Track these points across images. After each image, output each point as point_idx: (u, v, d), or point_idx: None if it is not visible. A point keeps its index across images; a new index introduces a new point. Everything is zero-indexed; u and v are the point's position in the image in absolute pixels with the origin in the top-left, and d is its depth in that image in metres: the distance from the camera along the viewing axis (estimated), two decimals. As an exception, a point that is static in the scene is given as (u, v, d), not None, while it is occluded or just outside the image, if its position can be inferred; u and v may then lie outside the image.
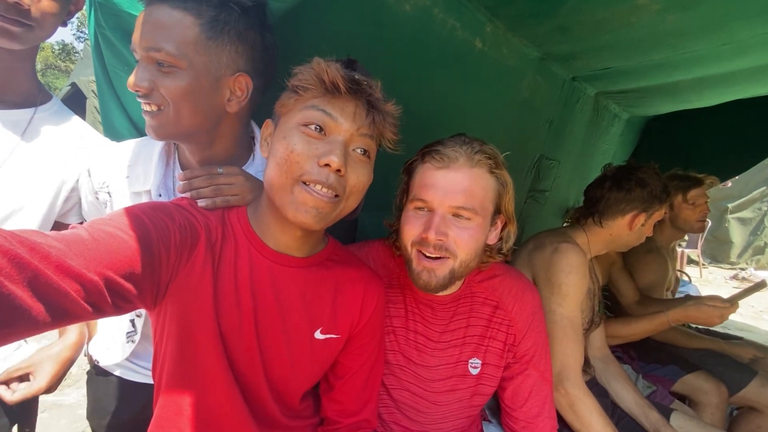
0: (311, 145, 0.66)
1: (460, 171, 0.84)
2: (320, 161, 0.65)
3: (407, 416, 1.01)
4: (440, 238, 0.83)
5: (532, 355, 1.01)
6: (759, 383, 1.66)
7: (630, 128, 2.79)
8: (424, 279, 0.86)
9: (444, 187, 0.84)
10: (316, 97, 0.67)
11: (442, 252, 0.84)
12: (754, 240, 7.53)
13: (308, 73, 0.66)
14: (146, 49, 0.73)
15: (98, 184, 0.89)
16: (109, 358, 0.98)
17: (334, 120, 0.67)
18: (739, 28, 1.36)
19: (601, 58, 1.73)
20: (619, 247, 1.43)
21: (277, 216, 0.72)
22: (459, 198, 0.83)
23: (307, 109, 0.67)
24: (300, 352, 0.78)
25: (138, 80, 0.74)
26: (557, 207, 2.57)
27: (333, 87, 0.65)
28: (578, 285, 1.20)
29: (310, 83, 0.66)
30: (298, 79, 0.67)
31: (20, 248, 0.44)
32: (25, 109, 0.92)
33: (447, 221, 0.84)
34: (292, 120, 0.68)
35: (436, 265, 0.84)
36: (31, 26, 0.83)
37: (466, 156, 0.84)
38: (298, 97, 0.68)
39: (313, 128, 0.66)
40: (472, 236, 0.84)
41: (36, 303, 0.45)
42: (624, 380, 1.39)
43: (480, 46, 1.48)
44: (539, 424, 1.00)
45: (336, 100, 0.67)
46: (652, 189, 1.33)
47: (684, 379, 1.71)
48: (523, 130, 1.97)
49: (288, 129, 0.68)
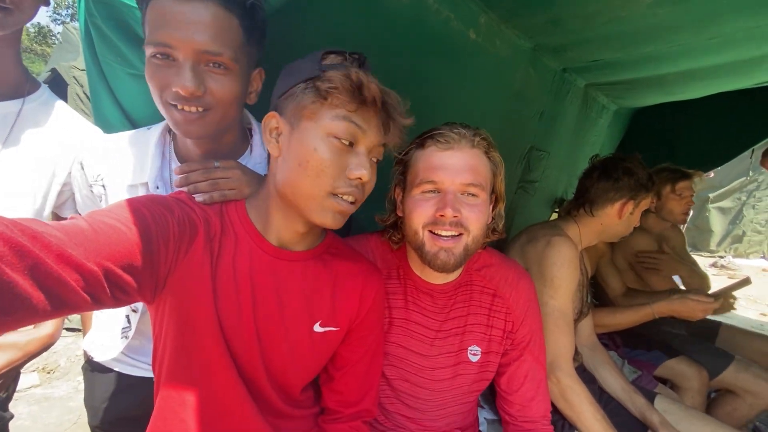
0: (342, 157, 0.68)
1: (464, 150, 0.88)
2: (351, 174, 0.68)
3: (407, 404, 1.03)
4: (456, 215, 0.85)
5: (528, 341, 1.04)
6: (735, 368, 1.73)
7: (618, 119, 2.83)
8: (442, 258, 0.87)
9: (453, 166, 0.87)
10: (344, 105, 0.66)
11: (458, 228, 0.86)
12: (733, 229, 7.76)
13: (340, 81, 0.64)
14: (200, 52, 0.71)
15: (92, 177, 0.87)
16: (104, 353, 0.97)
17: (363, 133, 0.68)
18: (726, 23, 1.38)
19: (592, 50, 1.75)
20: (609, 237, 1.47)
21: (286, 213, 0.73)
22: (468, 176, 0.86)
23: (338, 120, 0.66)
24: (299, 345, 0.79)
25: (196, 86, 0.71)
26: (546, 197, 2.61)
27: (371, 101, 0.66)
28: (570, 278, 1.23)
29: (341, 92, 0.65)
30: (328, 86, 0.65)
31: (21, 236, 0.44)
32: (14, 100, 0.88)
33: (458, 198, 0.87)
34: (320, 128, 0.66)
35: (452, 243, 0.87)
36: (9, 9, 0.78)
37: (466, 138, 0.89)
38: (324, 102, 0.66)
39: (346, 142, 0.67)
40: (481, 211, 0.88)
41: (36, 291, 0.45)
42: (610, 367, 1.44)
43: (474, 37, 1.48)
44: (534, 407, 1.03)
45: (365, 112, 0.68)
46: (638, 177, 1.37)
47: (667, 364, 1.78)
48: (514, 121, 1.98)
49: (318, 138, 0.66)
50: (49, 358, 2.80)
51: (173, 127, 0.77)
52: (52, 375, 2.67)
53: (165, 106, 0.74)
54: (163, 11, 0.69)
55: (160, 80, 0.72)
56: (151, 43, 0.70)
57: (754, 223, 7.65)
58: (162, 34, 0.69)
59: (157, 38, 0.70)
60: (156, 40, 0.70)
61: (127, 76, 0.92)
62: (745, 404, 1.72)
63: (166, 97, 0.73)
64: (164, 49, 0.70)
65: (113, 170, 0.86)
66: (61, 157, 0.92)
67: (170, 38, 0.69)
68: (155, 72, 0.72)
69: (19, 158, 0.87)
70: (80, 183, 0.89)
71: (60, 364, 2.77)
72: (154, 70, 0.72)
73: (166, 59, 0.71)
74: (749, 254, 7.75)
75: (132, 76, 0.91)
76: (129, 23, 0.83)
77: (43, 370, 2.68)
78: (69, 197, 0.97)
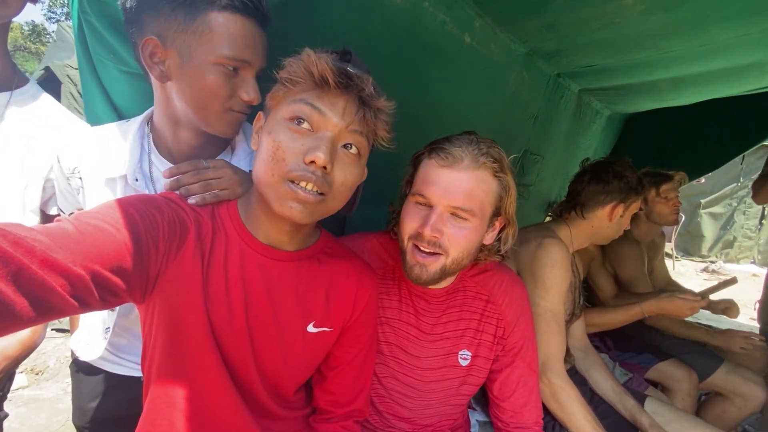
0: (297, 141, 0.64)
1: (464, 172, 0.84)
2: (306, 158, 0.63)
3: (398, 403, 1.03)
4: (435, 235, 0.83)
5: (519, 347, 1.04)
6: (725, 370, 1.75)
7: (611, 124, 2.86)
8: (416, 272, 0.87)
9: (445, 185, 0.84)
10: (305, 90, 0.65)
11: (435, 248, 0.85)
12: (724, 234, 7.85)
13: (297, 65, 0.64)
14: (260, 67, 0.82)
15: (68, 169, 0.85)
16: (89, 352, 0.96)
17: (322, 114, 0.64)
18: (716, 30, 1.40)
19: (585, 55, 1.77)
20: (600, 240, 1.49)
21: (266, 209, 0.70)
22: (458, 198, 0.83)
23: (295, 103, 0.65)
24: (293, 346, 0.78)
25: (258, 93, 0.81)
26: (540, 201, 2.62)
27: (322, 80, 0.63)
28: (561, 279, 1.24)
29: (299, 75, 0.64)
30: (287, 72, 0.65)
31: (3, 242, 0.43)
32: (1, 93, 0.88)
33: (444, 219, 0.85)
34: (279, 114, 0.66)
35: (429, 261, 0.86)
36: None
37: (471, 157, 0.84)
38: (287, 90, 0.66)
39: (300, 123, 0.64)
40: (466, 237, 0.85)
41: (20, 298, 0.44)
42: (602, 369, 1.45)
43: (469, 41, 1.49)
44: (526, 414, 1.03)
45: (326, 95, 0.64)
46: (628, 180, 1.38)
47: (657, 367, 1.79)
48: (508, 125, 2.00)
49: (275, 123, 0.66)
50: (38, 359, 2.76)
51: (221, 127, 0.83)
52: (41, 376, 2.63)
53: (225, 111, 0.81)
54: (236, 31, 0.77)
55: (230, 89, 0.79)
56: (227, 56, 0.76)
57: (744, 229, 7.75)
58: (241, 52, 0.78)
59: (236, 54, 0.77)
60: (234, 56, 0.77)
61: (120, 73, 0.91)
62: (734, 407, 1.74)
63: (232, 104, 0.81)
64: (240, 64, 0.79)
65: (90, 163, 0.85)
66: (45, 151, 0.92)
67: (248, 56, 0.79)
68: (224, 81, 0.78)
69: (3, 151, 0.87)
70: (58, 176, 0.88)
71: (49, 365, 2.73)
72: (223, 79, 0.78)
73: (231, 70, 0.78)
74: (740, 259, 7.84)
75: (125, 74, 0.91)
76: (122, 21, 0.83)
77: (31, 371, 2.64)
78: (54, 193, 0.96)
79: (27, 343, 0.97)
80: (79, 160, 0.85)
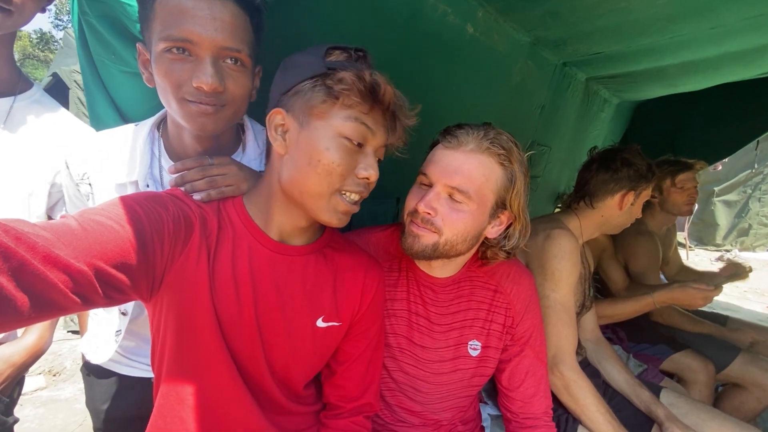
0: (351, 157, 0.68)
1: (466, 154, 0.85)
2: (360, 174, 0.69)
3: (409, 397, 1.03)
4: (427, 211, 0.85)
5: (528, 337, 1.04)
6: (742, 361, 1.72)
7: (620, 113, 2.81)
8: (408, 242, 0.88)
9: (444, 165, 0.86)
10: (356, 106, 0.66)
11: (427, 225, 0.86)
12: (738, 222, 7.69)
13: (355, 83, 0.64)
14: (221, 48, 0.71)
15: (77, 175, 0.85)
16: (100, 355, 0.97)
17: (372, 134, 0.69)
18: (727, 12, 1.36)
19: (592, 42, 1.73)
20: (611, 229, 1.46)
21: (289, 210, 0.73)
22: (455, 178, 0.84)
23: (350, 121, 0.66)
24: (302, 341, 0.78)
25: (219, 81, 0.71)
26: (548, 193, 2.59)
27: (384, 105, 0.67)
28: (570, 270, 1.22)
29: (356, 94, 0.65)
30: (343, 87, 0.64)
31: (5, 237, 0.43)
32: (5, 98, 0.89)
33: (440, 198, 0.86)
34: (330, 128, 0.66)
35: (422, 232, 0.87)
36: (10, 11, 0.80)
37: (476, 141, 0.85)
38: (335, 102, 0.66)
39: (356, 143, 0.68)
40: (461, 219, 0.85)
41: (21, 294, 0.44)
42: (615, 360, 1.43)
43: (471, 32, 1.47)
44: (535, 404, 1.03)
45: (374, 112, 0.68)
46: (637, 168, 1.36)
47: (672, 358, 1.76)
48: (514, 116, 1.97)
49: (329, 138, 0.66)
50: (55, 360, 2.81)
51: (186, 122, 0.75)
52: (58, 377, 2.68)
53: (180, 102, 0.73)
54: (181, 7, 0.68)
55: (178, 76, 0.71)
56: (167, 38, 0.69)
57: (760, 216, 7.57)
58: (181, 30, 0.68)
59: (176, 33, 0.69)
60: (174, 36, 0.69)
61: (121, 74, 0.91)
62: (753, 398, 1.70)
63: (184, 93, 0.72)
64: (183, 44, 0.69)
65: (100, 168, 0.84)
66: (50, 156, 0.92)
67: (190, 33, 0.69)
68: (170, 67, 0.70)
69: (7, 155, 0.87)
70: (67, 182, 0.87)
71: (66, 366, 2.79)
72: (169, 66, 0.70)
73: (181, 54, 0.70)
74: (755, 247, 7.68)
75: (126, 74, 0.91)
76: (122, 21, 0.83)
77: (49, 373, 2.70)
78: (60, 198, 0.96)
79: (32, 350, 0.98)
80: (88, 166, 0.84)
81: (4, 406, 0.95)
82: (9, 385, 0.96)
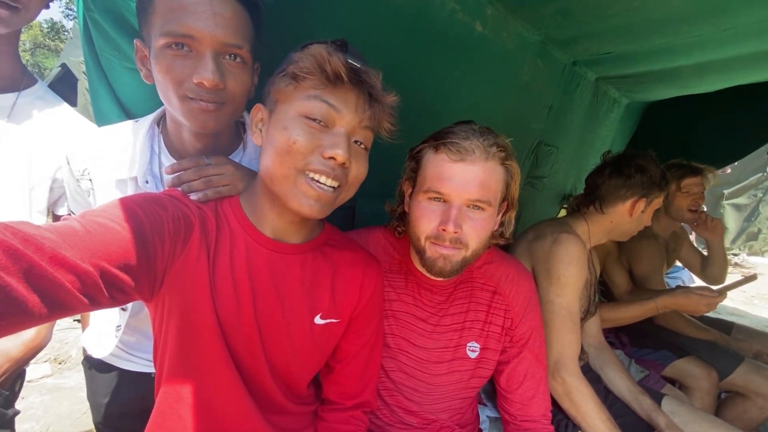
0: (314, 136, 0.65)
1: (476, 164, 0.85)
2: (325, 154, 0.65)
3: (407, 397, 1.03)
4: (457, 231, 0.85)
5: (527, 338, 1.03)
6: (745, 369, 1.69)
7: (629, 114, 2.76)
8: (439, 265, 0.88)
9: (462, 180, 0.85)
10: (316, 86, 0.65)
11: (457, 245, 0.86)
12: (748, 226, 7.59)
13: (309, 61, 0.64)
14: (223, 44, 0.71)
15: (78, 171, 0.84)
16: (100, 350, 0.97)
17: (337, 111, 0.66)
18: (742, 13, 1.33)
19: (603, 42, 1.70)
20: (619, 236, 1.44)
21: (274, 204, 0.72)
22: (476, 191, 0.85)
23: (308, 100, 0.65)
24: (301, 338, 0.79)
25: (220, 77, 0.71)
26: (555, 193, 2.57)
27: (335, 77, 0.64)
28: (577, 276, 1.21)
29: (310, 72, 0.64)
30: (297, 67, 0.65)
31: (14, 239, 0.44)
32: (8, 93, 0.89)
33: (463, 214, 0.86)
34: (292, 109, 0.66)
35: (451, 251, 0.87)
36: (17, 9, 0.81)
37: (481, 149, 0.85)
38: (297, 84, 0.66)
39: (316, 121, 0.66)
40: (483, 227, 0.87)
41: (32, 295, 0.44)
42: (617, 367, 1.42)
43: (480, 30, 1.45)
44: (533, 406, 1.02)
45: (338, 91, 0.66)
46: (651, 175, 1.33)
47: (675, 364, 1.74)
48: (522, 116, 1.95)
49: (289, 119, 0.66)
50: (61, 349, 2.85)
51: (187, 120, 0.74)
52: (64, 365, 2.72)
53: (181, 100, 0.72)
54: (181, 2, 0.68)
55: (179, 73, 0.70)
56: (167, 34, 0.68)
57: (770, 220, 7.47)
58: (182, 25, 0.68)
59: (176, 29, 0.68)
60: (175, 31, 0.68)
61: (125, 70, 0.91)
62: (755, 407, 1.68)
63: (185, 90, 0.71)
64: (184, 39, 0.69)
65: (100, 164, 0.84)
66: (52, 152, 0.93)
67: (191, 29, 0.68)
68: (171, 64, 0.70)
69: (10, 151, 0.88)
70: (67, 178, 0.88)
71: (71, 354, 2.83)
72: (170, 62, 0.70)
73: (181, 50, 0.70)
74: (764, 252, 7.59)
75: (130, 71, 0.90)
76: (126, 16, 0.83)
77: (54, 361, 2.74)
78: (62, 194, 0.97)
79: (31, 345, 0.99)
80: (89, 162, 0.84)
81: (4, 399, 0.96)
82: (9, 377, 0.97)
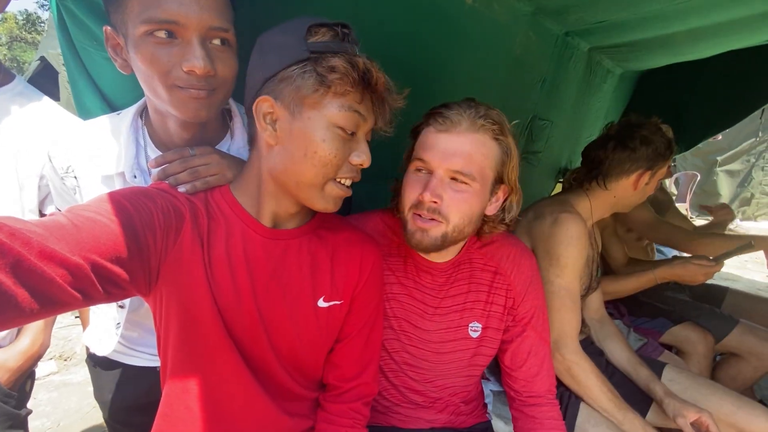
0: (346, 146, 0.69)
1: (462, 135, 0.83)
2: (354, 161, 0.70)
3: (410, 377, 1.04)
4: (434, 200, 0.83)
5: (530, 317, 1.04)
6: (740, 331, 1.73)
7: (623, 84, 2.73)
8: (417, 238, 0.87)
9: (444, 149, 0.84)
10: (348, 94, 0.65)
11: (434, 215, 0.84)
12: (741, 191, 7.64)
13: (348, 71, 0.63)
14: (209, 29, 0.68)
15: (61, 169, 0.81)
16: (102, 347, 0.97)
17: (364, 120, 0.69)
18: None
19: (597, 10, 1.66)
20: (622, 208, 1.43)
21: (280, 197, 0.72)
22: (457, 162, 0.83)
23: (342, 110, 0.65)
24: (305, 322, 0.79)
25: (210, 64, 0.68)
26: (550, 168, 2.55)
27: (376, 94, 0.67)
28: (577, 256, 1.20)
29: (349, 83, 0.64)
30: (335, 76, 0.62)
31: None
32: None
33: (444, 184, 0.84)
34: (323, 118, 0.65)
35: (429, 225, 0.85)
36: None
37: (469, 120, 0.84)
38: (328, 90, 0.64)
39: (349, 132, 0.68)
40: (466, 200, 0.85)
41: (20, 290, 0.44)
42: (618, 339, 1.43)
43: (470, 2, 1.41)
44: (538, 383, 1.04)
45: (364, 98, 0.68)
46: (656, 146, 1.29)
47: (672, 331, 1.78)
48: (515, 90, 1.91)
49: (323, 129, 0.66)
50: (65, 346, 2.87)
51: (177, 110, 0.71)
52: (69, 362, 2.74)
53: (170, 90, 0.69)
54: None
55: (166, 62, 0.66)
56: (149, 20, 0.64)
57: (763, 185, 7.51)
58: (164, 11, 0.64)
59: (159, 15, 0.64)
60: (158, 17, 0.64)
61: (105, 60, 0.87)
62: (749, 366, 1.73)
63: (174, 79, 0.67)
64: (169, 26, 0.65)
65: (84, 161, 0.81)
66: (36, 149, 0.90)
67: (176, 14, 0.64)
68: (156, 52, 0.66)
69: None
70: (51, 175, 0.85)
71: (76, 351, 2.85)
72: (154, 51, 0.66)
73: (165, 37, 0.66)
74: (757, 217, 7.66)
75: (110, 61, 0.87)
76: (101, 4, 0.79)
77: (60, 358, 2.76)
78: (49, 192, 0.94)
79: (29, 353, 0.98)
80: (71, 159, 0.81)
81: (15, 400, 0.97)
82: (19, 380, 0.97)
